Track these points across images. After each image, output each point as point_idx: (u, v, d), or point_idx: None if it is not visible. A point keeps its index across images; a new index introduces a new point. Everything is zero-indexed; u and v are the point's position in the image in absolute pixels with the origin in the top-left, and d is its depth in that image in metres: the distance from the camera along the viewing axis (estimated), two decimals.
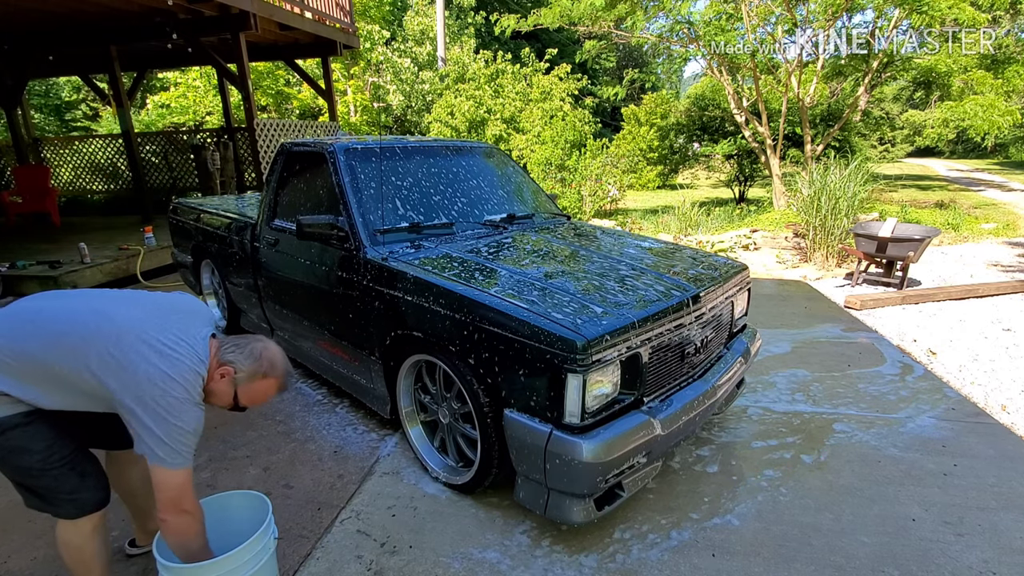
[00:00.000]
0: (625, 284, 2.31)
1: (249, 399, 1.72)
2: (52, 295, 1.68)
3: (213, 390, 1.66)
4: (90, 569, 1.72)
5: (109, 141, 10.92)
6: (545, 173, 11.06)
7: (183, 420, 1.51)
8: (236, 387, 1.68)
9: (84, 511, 1.66)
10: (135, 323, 1.56)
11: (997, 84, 9.23)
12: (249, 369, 1.67)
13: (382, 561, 2.04)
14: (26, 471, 1.59)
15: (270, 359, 1.71)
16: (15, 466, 1.59)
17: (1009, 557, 2.03)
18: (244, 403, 1.72)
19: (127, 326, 1.55)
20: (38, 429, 1.58)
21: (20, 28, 7.25)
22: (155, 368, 1.49)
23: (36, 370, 1.52)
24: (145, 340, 1.52)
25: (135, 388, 1.47)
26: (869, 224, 5.76)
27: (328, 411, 3.18)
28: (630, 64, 26.39)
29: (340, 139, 3.12)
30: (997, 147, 27.61)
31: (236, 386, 1.68)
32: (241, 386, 1.68)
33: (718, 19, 9.97)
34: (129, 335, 1.52)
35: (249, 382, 1.68)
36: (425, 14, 18.03)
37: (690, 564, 2.02)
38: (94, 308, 1.60)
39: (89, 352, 1.49)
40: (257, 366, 1.68)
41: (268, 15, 7.13)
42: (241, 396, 1.70)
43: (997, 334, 4.25)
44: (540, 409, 1.94)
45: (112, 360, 1.48)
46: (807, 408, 3.15)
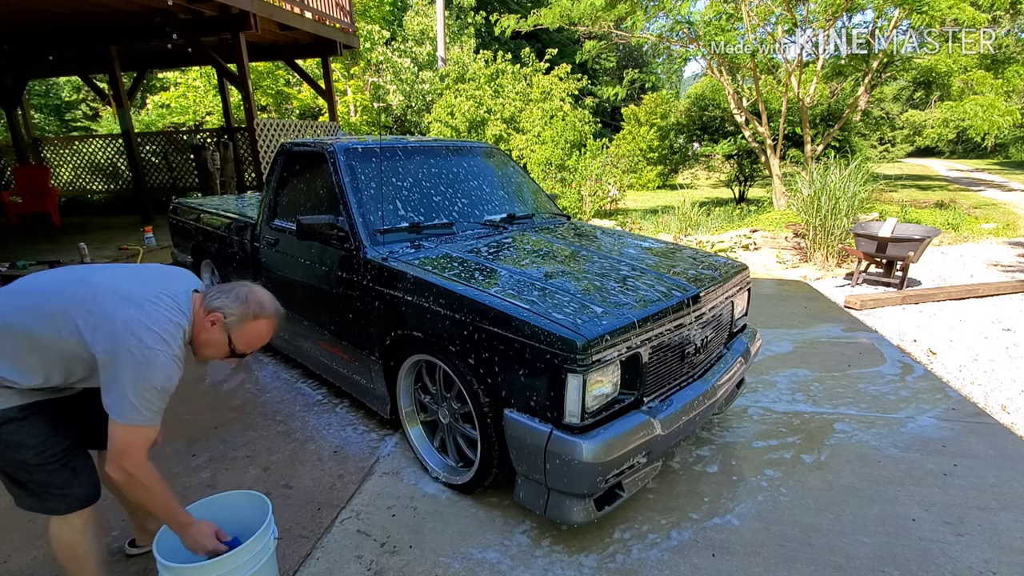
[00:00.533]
0: (625, 284, 2.31)
1: (245, 343, 1.70)
2: (37, 274, 1.67)
3: (207, 341, 1.66)
4: (83, 566, 1.71)
5: (109, 141, 10.93)
6: (545, 173, 11.06)
7: (154, 373, 1.48)
8: (229, 332, 1.66)
9: (73, 507, 1.65)
10: (114, 281, 1.58)
11: (997, 84, 9.23)
12: (239, 312, 1.65)
13: (382, 561, 2.04)
14: (21, 465, 1.59)
15: (258, 300, 1.69)
16: (10, 460, 1.59)
17: (1009, 557, 2.03)
18: (240, 348, 1.70)
19: (107, 284, 1.56)
20: (33, 424, 1.58)
21: (20, 28, 7.25)
22: (132, 317, 1.48)
23: (17, 341, 1.51)
24: (123, 294, 1.53)
25: (111, 338, 1.46)
26: (869, 224, 5.76)
27: (328, 411, 3.18)
28: (630, 64, 26.40)
29: (340, 139, 3.12)
30: (997, 147, 27.60)
31: (229, 331, 1.66)
32: (234, 330, 1.66)
33: (718, 19, 9.97)
34: (107, 290, 1.54)
35: (241, 325, 1.66)
36: (425, 14, 18.03)
37: (690, 564, 2.02)
38: (75, 276, 1.61)
39: (69, 311, 1.49)
40: (246, 308, 1.66)
41: (268, 15, 7.13)
42: (236, 341, 1.68)
43: (997, 334, 4.25)
44: (540, 409, 1.94)
45: (91, 315, 1.48)
46: (807, 408, 3.15)
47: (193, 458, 2.71)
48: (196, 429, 2.98)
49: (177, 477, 2.56)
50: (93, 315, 1.48)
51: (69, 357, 1.53)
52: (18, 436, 1.56)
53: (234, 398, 3.34)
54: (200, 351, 1.69)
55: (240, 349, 1.70)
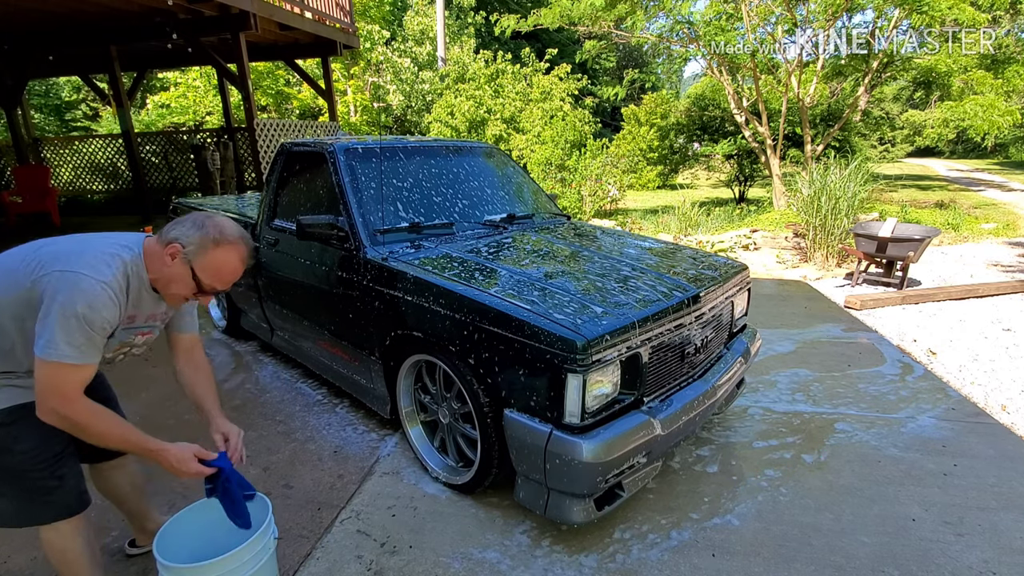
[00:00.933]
0: (625, 284, 2.31)
1: (212, 275, 1.52)
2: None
3: (169, 276, 1.51)
4: (76, 569, 1.66)
5: (109, 141, 10.93)
6: (545, 173, 11.06)
7: (75, 297, 1.35)
8: (191, 264, 1.49)
9: (59, 516, 1.59)
10: (65, 239, 1.55)
11: (997, 84, 9.23)
12: (196, 239, 1.48)
13: (382, 561, 2.04)
14: (5, 471, 1.52)
15: (217, 224, 1.51)
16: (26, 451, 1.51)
17: (1009, 557, 2.03)
18: (207, 282, 1.53)
19: (56, 240, 1.53)
20: (21, 429, 1.50)
21: (20, 28, 7.25)
22: (69, 250, 1.44)
23: None
24: (72, 238, 1.52)
25: (39, 268, 1.40)
26: (869, 224, 5.76)
27: (328, 411, 3.18)
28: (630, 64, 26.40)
29: (340, 139, 3.12)
30: (997, 147, 27.60)
31: (191, 263, 1.49)
32: (196, 261, 1.49)
33: (718, 19, 9.97)
34: (60, 241, 1.51)
35: (202, 255, 1.49)
36: (425, 14, 18.03)
37: (690, 564, 2.02)
38: (37, 244, 1.54)
39: (24, 270, 1.43)
40: (204, 234, 1.49)
41: (268, 15, 7.13)
42: (201, 275, 1.51)
43: (997, 334, 4.25)
44: (540, 409, 1.94)
45: (39, 266, 1.42)
46: (807, 408, 3.15)
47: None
48: (196, 429, 2.98)
49: (177, 477, 2.56)
50: (41, 263, 1.42)
51: (15, 315, 1.43)
52: (5, 442, 1.49)
53: (234, 398, 3.34)
54: (166, 292, 1.54)
55: (207, 283, 1.53)
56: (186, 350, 1.87)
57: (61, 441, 1.56)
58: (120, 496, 1.97)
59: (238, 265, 1.56)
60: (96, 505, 2.36)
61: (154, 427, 3.00)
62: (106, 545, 2.13)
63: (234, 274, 1.57)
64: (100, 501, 1.99)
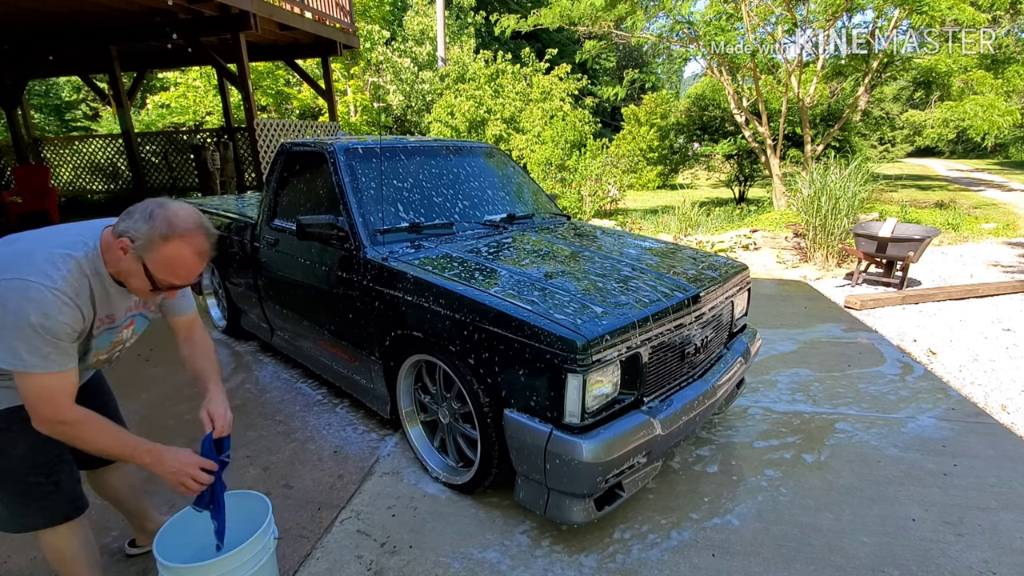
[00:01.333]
0: (625, 284, 2.31)
1: (163, 272, 1.39)
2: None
3: (126, 271, 1.41)
4: (74, 570, 1.66)
5: (109, 141, 10.93)
6: (545, 173, 11.06)
7: (24, 307, 1.27)
8: (142, 259, 1.36)
9: (54, 521, 1.57)
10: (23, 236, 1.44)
11: (997, 84, 9.23)
12: (144, 234, 1.34)
13: (382, 561, 2.04)
14: (2, 475, 1.50)
15: (167, 215, 1.36)
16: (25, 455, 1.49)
17: (1009, 557, 2.03)
18: (161, 278, 1.40)
19: (16, 239, 1.44)
20: (16, 433, 1.47)
21: (20, 28, 7.25)
22: (18, 253, 1.34)
23: None
24: (27, 235, 1.40)
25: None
26: (869, 224, 5.76)
27: (328, 411, 3.18)
28: (630, 64, 26.40)
29: (340, 139, 3.12)
30: (997, 147, 27.60)
31: (142, 258, 1.36)
32: (146, 256, 1.36)
33: (718, 19, 9.98)
34: (13, 240, 1.42)
35: (152, 250, 1.35)
36: (425, 14, 18.04)
37: (690, 564, 2.02)
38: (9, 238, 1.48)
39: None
40: (151, 228, 1.34)
41: (268, 15, 7.13)
42: (153, 271, 1.38)
43: (997, 334, 4.25)
44: (540, 409, 1.94)
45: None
46: (807, 408, 3.15)
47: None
48: (196, 429, 2.98)
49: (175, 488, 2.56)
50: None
51: None
52: (1, 444, 1.46)
53: (234, 398, 3.34)
54: (129, 284, 1.45)
55: (162, 280, 1.40)
56: (185, 330, 1.84)
57: (57, 445, 1.50)
58: (118, 498, 1.97)
59: (193, 260, 1.41)
60: (96, 505, 2.36)
61: (154, 427, 3.00)
62: (106, 545, 2.13)
63: (189, 270, 1.42)
64: (99, 501, 1.99)
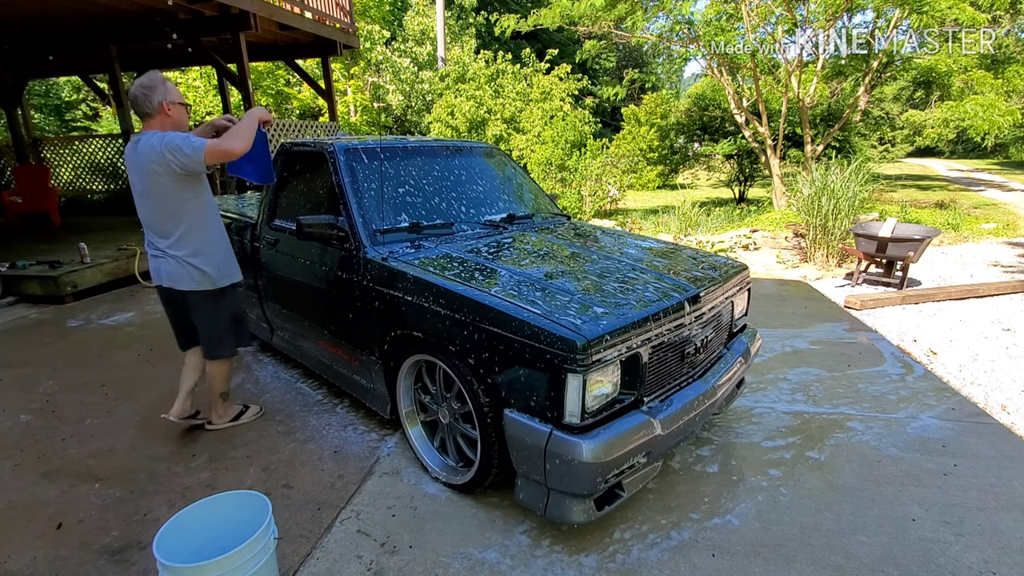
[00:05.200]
0: (625, 284, 2.31)
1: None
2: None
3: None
4: (222, 382, 2.90)
5: (109, 141, 10.92)
6: (545, 173, 11.06)
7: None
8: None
9: (231, 354, 2.88)
10: None
11: (997, 84, 9.24)
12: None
13: (382, 561, 2.04)
14: (225, 309, 2.75)
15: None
16: (224, 306, 2.74)
17: (1009, 557, 2.03)
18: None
19: None
20: (231, 299, 2.78)
21: (20, 28, 7.24)
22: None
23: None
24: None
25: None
26: (869, 224, 5.76)
27: (328, 411, 3.18)
28: (630, 64, 26.38)
29: (340, 139, 3.12)
30: (997, 147, 27.60)
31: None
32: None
33: (718, 19, 9.99)
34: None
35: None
36: (425, 14, 18.03)
37: (690, 564, 2.02)
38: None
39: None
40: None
41: (268, 15, 7.13)
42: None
43: (997, 334, 4.25)
44: (540, 409, 1.94)
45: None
46: (807, 408, 3.15)
47: (193, 458, 2.72)
48: (196, 429, 2.98)
49: (177, 477, 2.57)
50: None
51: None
52: (231, 302, 2.78)
53: (234, 398, 3.34)
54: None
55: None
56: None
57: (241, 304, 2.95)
58: (193, 366, 2.92)
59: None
60: (96, 505, 2.37)
61: (154, 427, 3.00)
62: (106, 545, 2.14)
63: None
64: (96, 500, 1.99)
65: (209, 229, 2.66)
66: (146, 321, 4.81)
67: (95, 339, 4.39)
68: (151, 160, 2.40)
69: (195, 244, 2.59)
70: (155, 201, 2.51)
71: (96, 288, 5.64)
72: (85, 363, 3.91)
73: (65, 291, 5.27)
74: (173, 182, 2.46)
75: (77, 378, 3.65)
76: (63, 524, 2.25)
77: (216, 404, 2.96)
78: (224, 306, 2.76)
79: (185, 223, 2.56)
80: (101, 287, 5.70)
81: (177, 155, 2.38)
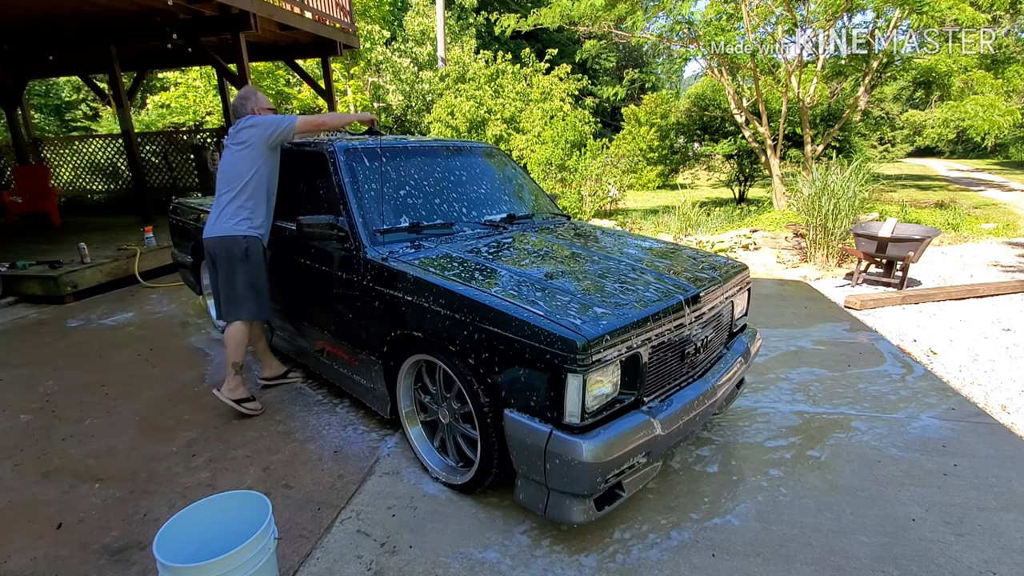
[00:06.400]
0: (625, 284, 2.31)
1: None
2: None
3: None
4: (240, 345, 3.03)
5: (109, 141, 10.92)
6: (545, 173, 11.06)
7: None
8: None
9: (248, 317, 3.03)
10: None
11: (997, 84, 9.24)
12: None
13: (382, 561, 2.04)
14: (251, 275, 2.97)
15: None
16: (250, 272, 2.97)
17: (1009, 557, 2.03)
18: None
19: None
20: (260, 254, 3.02)
21: (20, 28, 7.24)
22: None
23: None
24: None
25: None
26: (869, 224, 5.76)
27: (328, 411, 3.18)
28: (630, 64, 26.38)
29: (340, 139, 3.12)
30: (997, 147, 27.60)
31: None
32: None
33: (718, 19, 9.98)
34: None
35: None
36: (425, 14, 18.03)
37: (690, 564, 2.02)
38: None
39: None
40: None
41: (268, 15, 7.13)
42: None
43: (997, 334, 4.25)
44: (540, 409, 1.94)
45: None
46: (807, 408, 3.15)
47: (193, 458, 2.72)
48: (196, 429, 2.98)
49: (177, 477, 2.57)
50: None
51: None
52: (257, 257, 3.00)
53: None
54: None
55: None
56: None
57: (266, 275, 3.09)
58: (255, 336, 3.27)
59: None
60: (96, 505, 2.37)
61: (154, 427, 3.01)
62: (106, 545, 2.14)
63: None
64: (95, 499, 1.98)
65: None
66: (146, 321, 4.81)
67: (95, 339, 4.39)
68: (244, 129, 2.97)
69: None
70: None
71: (96, 288, 5.64)
72: (85, 363, 3.91)
73: (65, 291, 5.27)
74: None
75: (77, 378, 3.66)
76: (63, 524, 2.25)
77: (228, 373, 3.07)
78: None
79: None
80: (101, 287, 5.70)
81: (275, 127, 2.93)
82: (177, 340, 4.33)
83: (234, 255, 2.94)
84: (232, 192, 2.95)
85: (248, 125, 2.93)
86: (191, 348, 4.14)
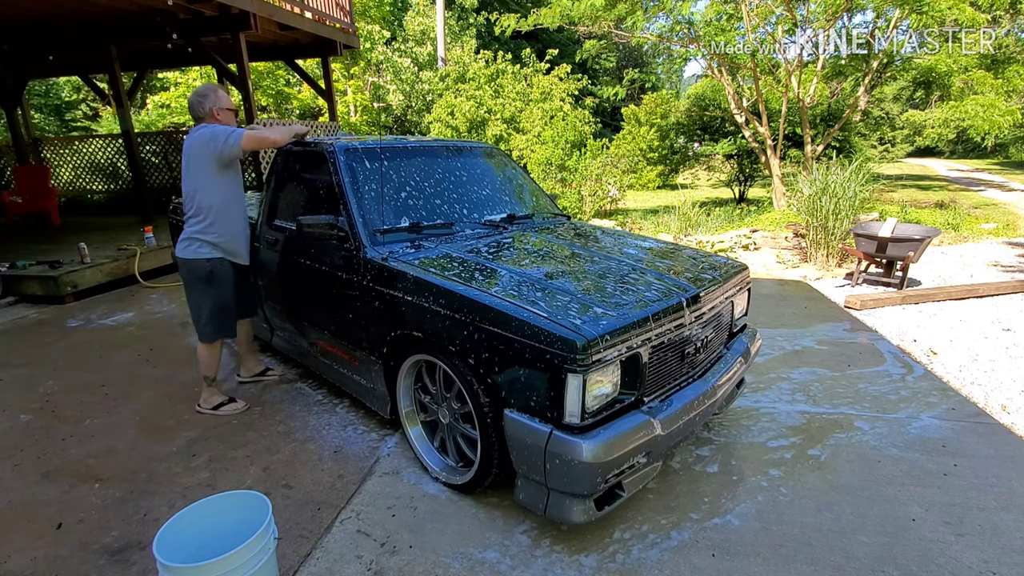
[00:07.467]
0: (625, 284, 2.31)
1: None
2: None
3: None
4: (211, 365, 3.11)
5: (109, 141, 10.92)
6: (545, 173, 11.06)
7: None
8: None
9: (212, 339, 3.05)
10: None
11: (997, 84, 9.24)
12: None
13: (382, 561, 2.04)
14: (214, 297, 2.98)
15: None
16: (213, 294, 2.98)
17: (1009, 557, 2.03)
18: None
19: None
20: (225, 275, 3.01)
21: (20, 28, 7.24)
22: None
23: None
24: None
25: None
26: (869, 224, 5.76)
27: (328, 411, 3.18)
28: (630, 64, 26.37)
29: (340, 139, 3.12)
30: (997, 147, 27.61)
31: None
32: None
33: (718, 19, 9.98)
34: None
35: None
36: (426, 14, 18.03)
37: (690, 564, 2.02)
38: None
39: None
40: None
41: (268, 15, 7.13)
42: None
43: (997, 334, 4.25)
44: (540, 409, 1.94)
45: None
46: (807, 408, 3.15)
47: (193, 458, 2.72)
48: (196, 429, 2.98)
49: (177, 477, 2.57)
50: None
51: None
52: (222, 279, 3.00)
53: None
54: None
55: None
56: None
57: (232, 294, 3.10)
58: (240, 339, 3.43)
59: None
60: (96, 505, 2.37)
61: (154, 427, 3.00)
62: (106, 545, 2.14)
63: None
64: (95, 499, 1.99)
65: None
66: (146, 321, 4.81)
67: (95, 339, 4.39)
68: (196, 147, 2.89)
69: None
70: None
71: (96, 288, 5.64)
72: (85, 363, 3.91)
73: (65, 291, 5.27)
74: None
75: (77, 378, 3.66)
76: (63, 524, 2.25)
77: (202, 386, 3.19)
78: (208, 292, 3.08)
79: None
80: (101, 287, 5.70)
81: (216, 142, 2.84)
82: (177, 340, 4.33)
83: (199, 278, 2.98)
84: (190, 209, 2.94)
85: (195, 141, 2.86)
86: (191, 348, 4.14)
